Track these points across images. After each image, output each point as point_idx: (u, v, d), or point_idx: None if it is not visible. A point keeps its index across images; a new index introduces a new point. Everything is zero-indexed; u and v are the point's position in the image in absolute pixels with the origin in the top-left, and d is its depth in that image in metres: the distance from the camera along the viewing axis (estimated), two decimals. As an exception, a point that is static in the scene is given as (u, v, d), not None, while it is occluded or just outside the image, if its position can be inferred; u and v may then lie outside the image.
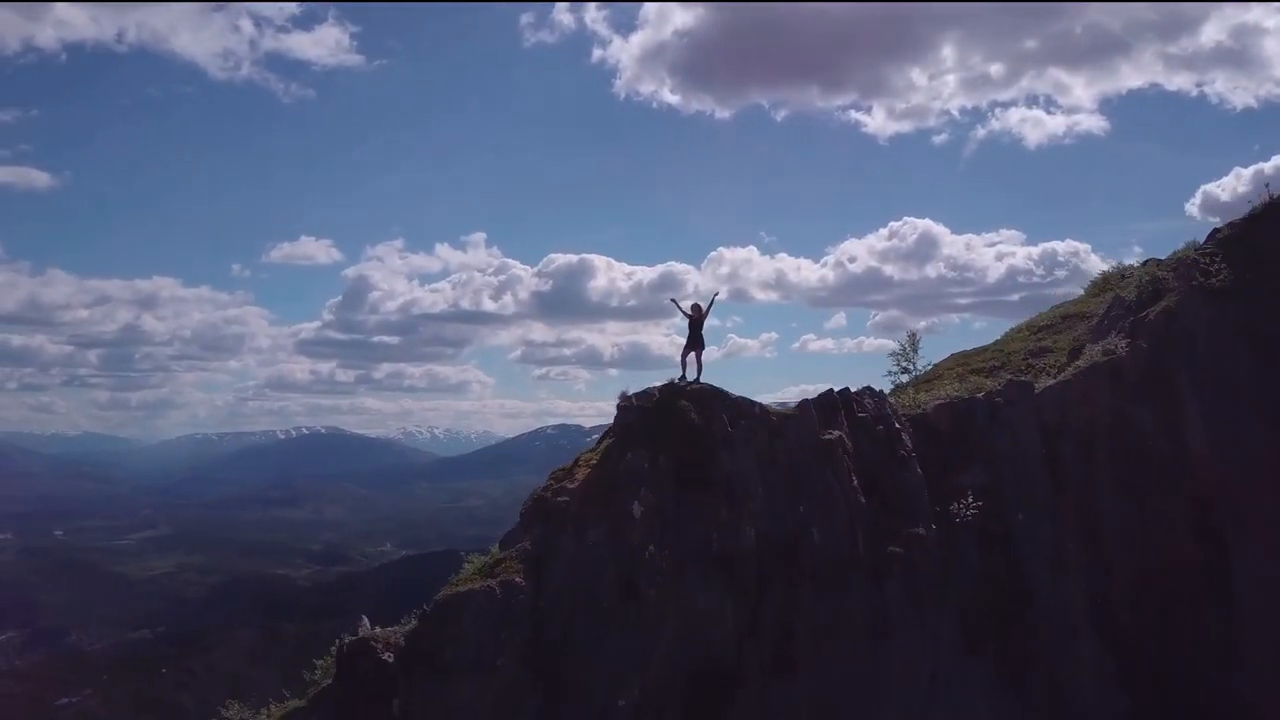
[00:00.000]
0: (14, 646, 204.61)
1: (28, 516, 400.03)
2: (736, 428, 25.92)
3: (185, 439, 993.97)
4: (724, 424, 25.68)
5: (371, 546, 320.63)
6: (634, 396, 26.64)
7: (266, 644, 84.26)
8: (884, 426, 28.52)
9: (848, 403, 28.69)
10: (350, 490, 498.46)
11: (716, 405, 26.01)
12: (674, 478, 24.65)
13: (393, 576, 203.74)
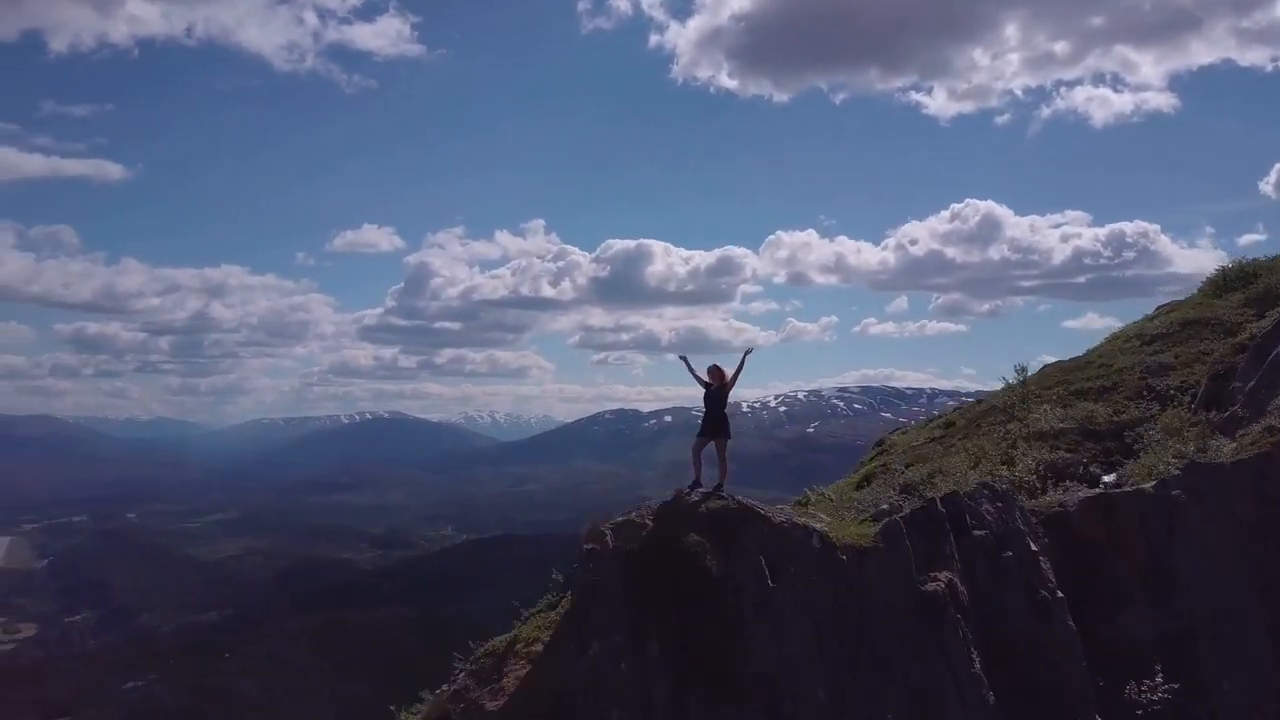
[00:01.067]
0: (88, 626, 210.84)
1: (102, 499, 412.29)
2: (782, 578, 15.24)
3: (252, 424, 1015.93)
4: (761, 572, 15.15)
5: (432, 530, 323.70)
6: (610, 528, 16.31)
7: (326, 631, 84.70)
8: (1014, 551, 17.18)
9: (957, 515, 17.32)
10: (412, 474, 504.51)
11: (750, 539, 15.53)
12: (674, 679, 14.37)
13: (453, 560, 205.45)
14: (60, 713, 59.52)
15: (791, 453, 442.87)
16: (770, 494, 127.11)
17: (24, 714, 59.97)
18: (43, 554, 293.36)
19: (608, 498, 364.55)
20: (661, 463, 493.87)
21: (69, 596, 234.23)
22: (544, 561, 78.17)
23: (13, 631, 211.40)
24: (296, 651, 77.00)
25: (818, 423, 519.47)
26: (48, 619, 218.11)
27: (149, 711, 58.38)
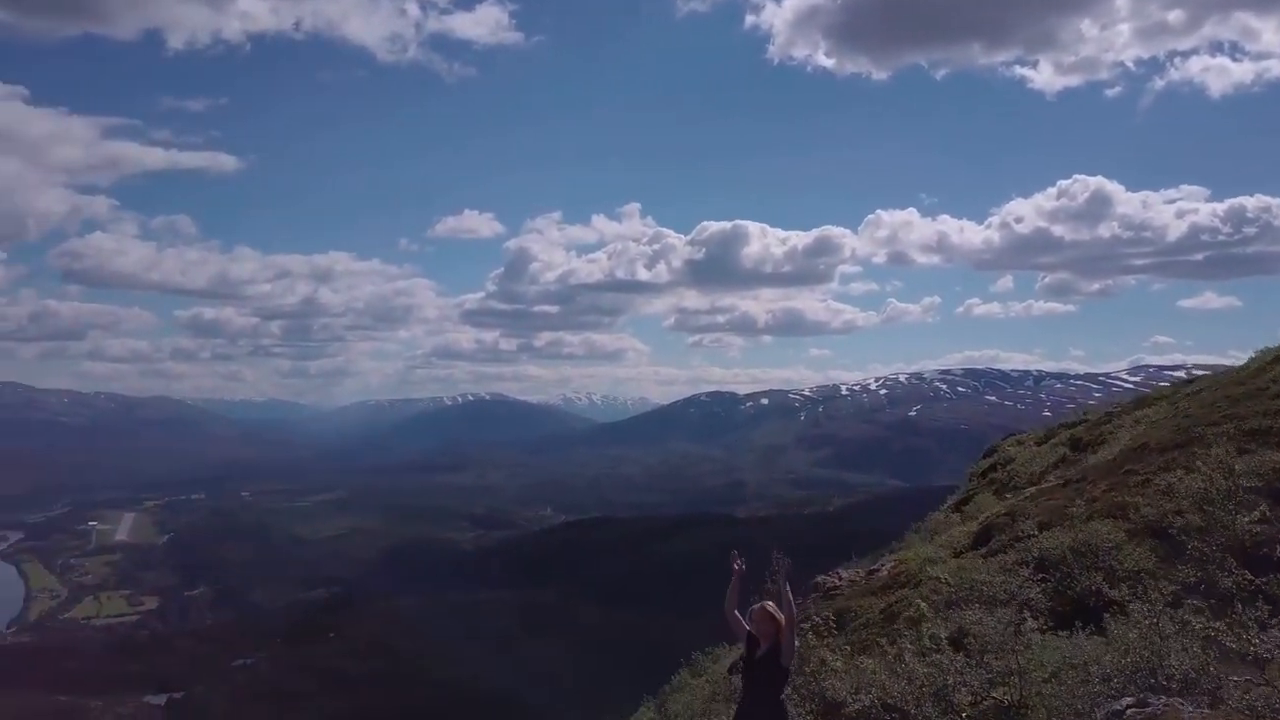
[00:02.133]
0: (204, 601, 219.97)
1: (218, 479, 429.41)
2: None
3: (358, 405, 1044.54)
4: None
5: (532, 511, 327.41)
6: None
7: (427, 613, 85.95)
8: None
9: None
10: (512, 455, 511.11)
11: None
12: None
13: (552, 541, 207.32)
14: (174, 687, 61.64)
15: (893, 436, 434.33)
16: (872, 478, 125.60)
17: (141, 686, 62.31)
18: (164, 530, 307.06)
19: (704, 481, 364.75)
20: (759, 446, 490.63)
21: (187, 571, 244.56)
22: (641, 544, 78.57)
23: (137, 604, 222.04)
24: (397, 633, 78.15)
25: (920, 406, 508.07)
26: (168, 593, 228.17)
27: (255, 689, 59.99)
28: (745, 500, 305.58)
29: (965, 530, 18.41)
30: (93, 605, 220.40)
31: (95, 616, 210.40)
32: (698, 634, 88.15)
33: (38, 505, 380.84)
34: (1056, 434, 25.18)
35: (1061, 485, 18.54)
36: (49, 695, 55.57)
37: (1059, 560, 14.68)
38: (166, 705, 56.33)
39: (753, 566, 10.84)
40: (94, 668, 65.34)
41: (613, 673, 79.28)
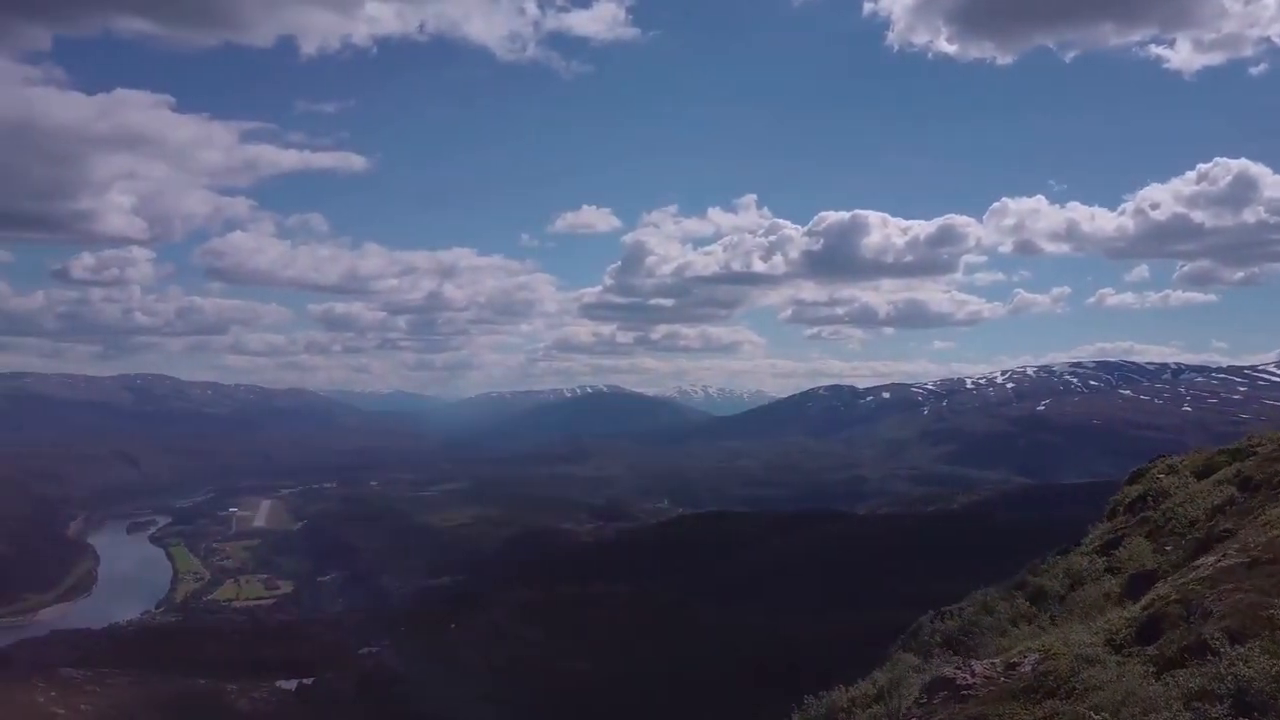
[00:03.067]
0: (335, 586, 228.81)
1: (349, 468, 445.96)
2: None
3: (481, 397, 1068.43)
4: None
5: (649, 503, 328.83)
6: None
7: (545, 605, 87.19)
8: None
9: None
10: (630, 447, 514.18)
11: None
12: None
13: (668, 534, 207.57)
14: (304, 672, 64.19)
15: (1020, 432, 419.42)
16: (997, 474, 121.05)
17: (273, 671, 65.09)
18: (298, 517, 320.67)
19: (823, 476, 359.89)
20: (879, 441, 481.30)
21: (320, 557, 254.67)
22: (758, 539, 77.52)
23: (273, 588, 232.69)
24: (516, 624, 79.50)
25: (1049, 400, 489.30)
26: (302, 578, 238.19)
27: (380, 676, 61.95)
28: (865, 496, 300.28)
29: (1125, 616, 14.02)
30: (233, 588, 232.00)
31: (235, 599, 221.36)
32: (817, 634, 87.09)
33: (184, 491, 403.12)
34: (1217, 464, 21.22)
35: (1247, 565, 13.90)
36: (190, 679, 58.68)
37: (1268, 699, 10.10)
38: (297, 690, 58.77)
39: (874, 565, 9.92)
40: (231, 652, 68.70)
41: (729, 672, 78.96)
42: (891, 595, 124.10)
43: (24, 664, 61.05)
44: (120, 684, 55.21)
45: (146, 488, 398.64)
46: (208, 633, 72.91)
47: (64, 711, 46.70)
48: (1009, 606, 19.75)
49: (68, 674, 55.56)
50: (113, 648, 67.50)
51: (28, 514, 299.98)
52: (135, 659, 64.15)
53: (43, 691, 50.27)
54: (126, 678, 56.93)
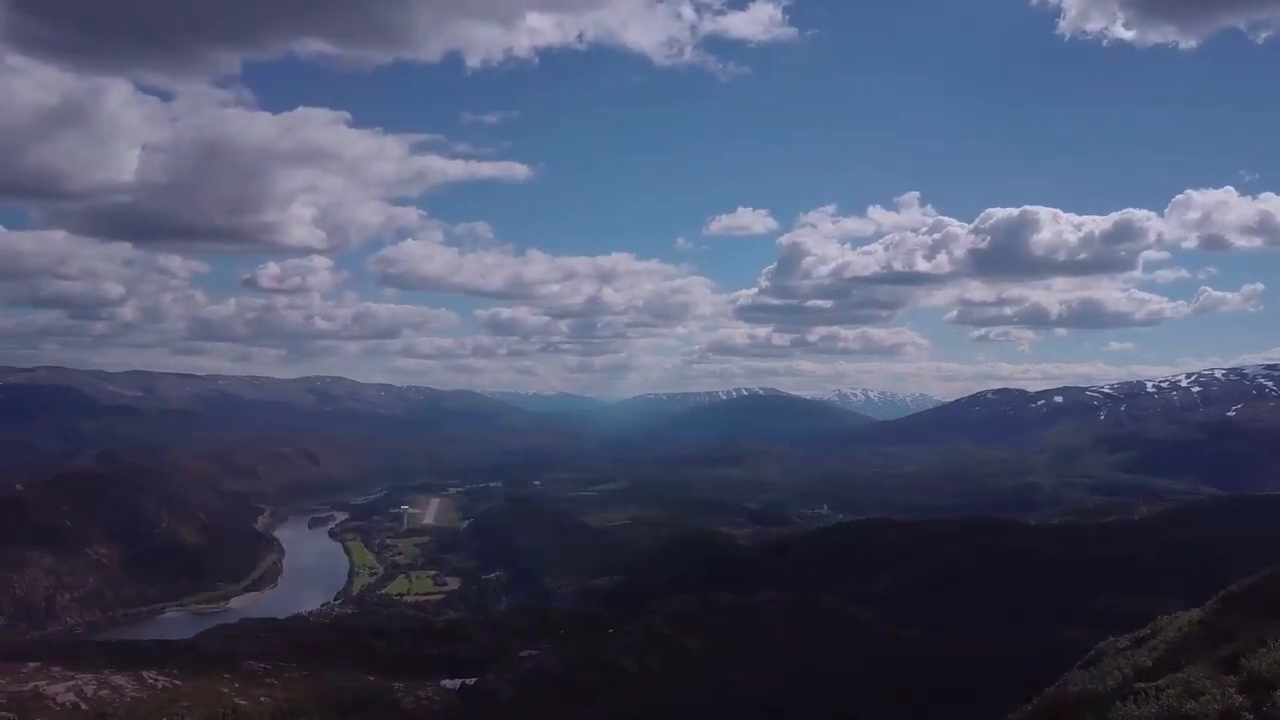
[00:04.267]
0: (500, 584, 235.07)
1: (513, 467, 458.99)
2: None
3: (639, 399, 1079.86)
4: None
5: (807, 508, 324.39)
6: None
7: (703, 611, 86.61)
8: None
9: None
10: (787, 451, 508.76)
11: None
12: None
13: (829, 541, 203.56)
14: (467, 671, 65.78)
15: (1207, 440, 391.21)
16: (1182, 483, 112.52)
17: (438, 670, 66.99)
18: (465, 515, 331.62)
19: (991, 483, 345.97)
20: (1051, 447, 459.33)
21: (486, 555, 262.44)
22: (923, 548, 74.14)
23: (441, 584, 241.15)
24: (674, 630, 79.20)
25: (1240, 405, 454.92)
26: (468, 575, 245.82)
27: (539, 680, 62.79)
28: (1037, 505, 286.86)
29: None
30: (404, 583, 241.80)
31: (406, 594, 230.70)
32: (985, 651, 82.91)
33: (360, 489, 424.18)
34: None
35: None
36: (360, 675, 61.03)
37: None
38: (460, 690, 60.25)
39: (1047, 579, 8.37)
40: (398, 650, 71.28)
41: (891, 688, 76.25)
42: (1067, 611, 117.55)
43: (210, 655, 64.93)
44: (296, 678, 57.86)
45: (326, 484, 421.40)
46: (377, 631, 75.78)
47: (246, 703, 49.25)
48: (1219, 696, 16.93)
49: (249, 666, 58.68)
50: (291, 641, 71.13)
51: (221, 508, 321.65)
52: (311, 653, 67.36)
53: (227, 683, 53.19)
54: (303, 672, 59.66)
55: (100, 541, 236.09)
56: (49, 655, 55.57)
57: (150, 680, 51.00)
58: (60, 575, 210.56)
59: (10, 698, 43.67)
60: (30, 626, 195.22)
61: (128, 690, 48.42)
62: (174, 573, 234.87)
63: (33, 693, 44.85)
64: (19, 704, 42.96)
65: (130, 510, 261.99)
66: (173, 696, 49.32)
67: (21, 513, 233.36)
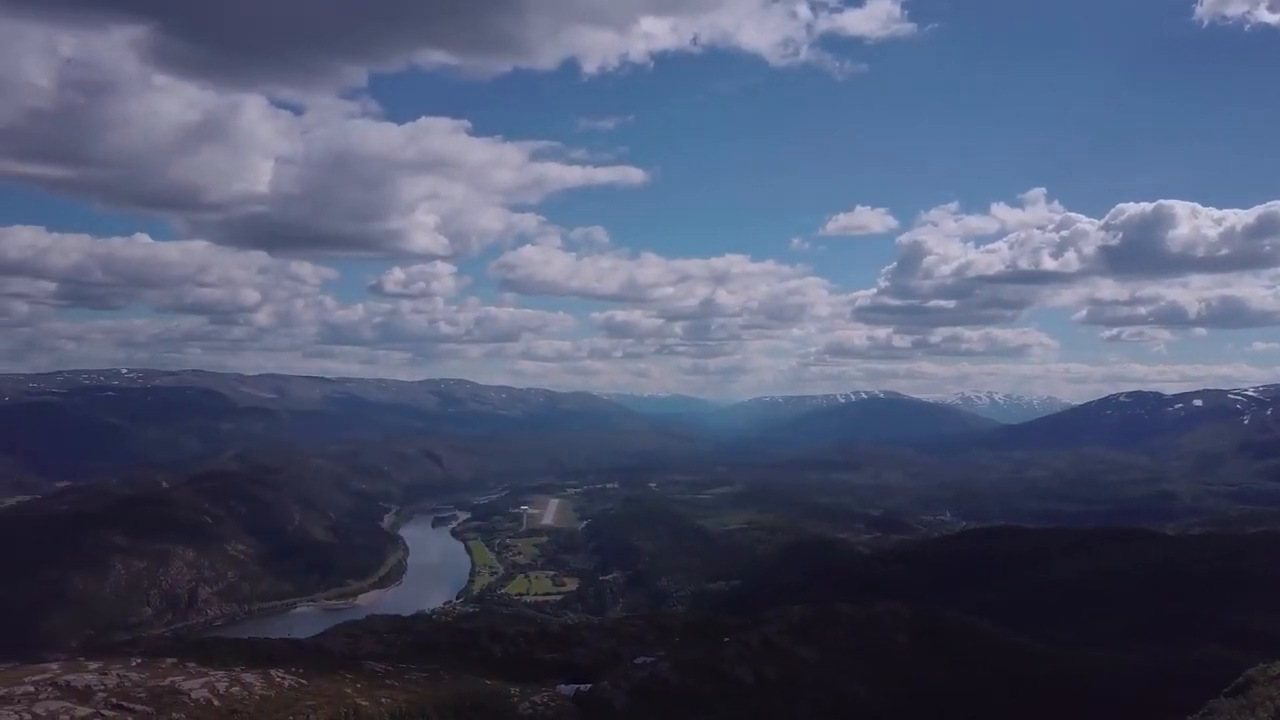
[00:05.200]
0: (617, 586, 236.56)
1: (630, 469, 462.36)
2: None
3: (754, 402, 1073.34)
4: None
5: (929, 515, 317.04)
6: None
7: (820, 620, 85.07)
8: None
9: None
10: (908, 456, 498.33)
11: None
12: None
13: (951, 549, 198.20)
14: (582, 677, 66.13)
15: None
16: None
17: (553, 675, 67.60)
18: (583, 516, 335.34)
19: (1125, 490, 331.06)
20: (1190, 453, 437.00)
21: (603, 556, 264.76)
22: (1051, 558, 71.15)
23: (560, 585, 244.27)
24: (790, 640, 78.01)
25: None
26: (586, 576, 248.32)
27: (653, 688, 62.63)
28: (1175, 514, 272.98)
29: None
30: (523, 583, 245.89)
31: (525, 593, 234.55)
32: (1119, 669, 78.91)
33: (481, 489, 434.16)
34: None
35: None
36: (477, 678, 62.04)
37: None
38: (575, 697, 60.63)
39: (1186, 593, 7.51)
40: (515, 652, 72.18)
41: (1019, 707, 73.40)
42: (1208, 630, 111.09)
43: (335, 654, 66.98)
44: (415, 679, 59.15)
45: (448, 484, 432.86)
46: (494, 634, 76.99)
47: (367, 703, 50.54)
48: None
49: (370, 667, 60.30)
50: (411, 642, 72.90)
51: (350, 507, 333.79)
52: (430, 655, 68.86)
53: (350, 683, 54.70)
54: (421, 673, 60.97)
55: (238, 538, 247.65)
56: (185, 652, 58.29)
57: (278, 679, 52.83)
58: (201, 569, 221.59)
59: (149, 692, 45.79)
60: (175, 618, 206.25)
61: (257, 688, 50.24)
62: (305, 569, 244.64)
63: (170, 688, 46.94)
64: (156, 699, 45.04)
65: (265, 508, 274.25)
66: (298, 695, 50.97)
67: (167, 510, 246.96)
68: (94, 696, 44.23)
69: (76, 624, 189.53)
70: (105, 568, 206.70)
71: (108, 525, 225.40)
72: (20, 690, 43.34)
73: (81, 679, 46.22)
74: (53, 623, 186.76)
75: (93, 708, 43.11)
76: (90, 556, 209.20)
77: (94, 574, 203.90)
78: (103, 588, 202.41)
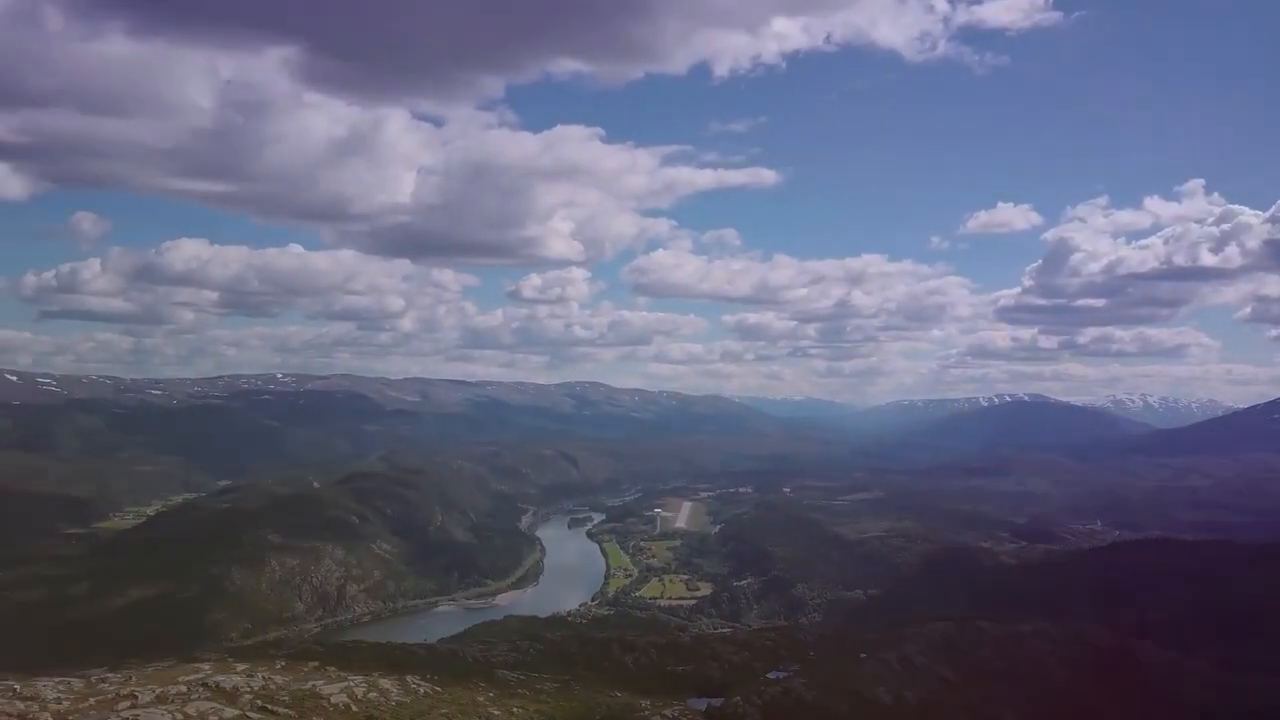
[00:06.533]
0: (751, 592, 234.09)
1: (763, 473, 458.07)
2: None
3: (892, 405, 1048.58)
4: None
5: (1080, 524, 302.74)
6: None
7: (962, 638, 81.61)
8: None
9: None
10: (1056, 461, 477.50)
11: None
12: None
13: (1104, 561, 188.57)
14: (713, 691, 65.17)
15: None
16: None
17: (684, 688, 66.84)
18: (716, 520, 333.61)
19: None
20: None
21: (737, 561, 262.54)
22: (1215, 573, 66.26)
23: (693, 589, 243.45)
24: (932, 659, 75.09)
25: None
26: (719, 581, 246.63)
27: (787, 705, 61.08)
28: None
29: None
30: (657, 586, 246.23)
31: (659, 597, 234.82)
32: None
33: (615, 491, 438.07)
34: None
35: None
36: (608, 690, 61.89)
37: None
38: (706, 712, 59.69)
39: None
40: (646, 663, 71.73)
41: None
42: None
43: (469, 661, 67.96)
44: (547, 689, 59.41)
45: (584, 486, 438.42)
46: (626, 644, 76.83)
47: (499, 712, 50.94)
48: None
49: (503, 676, 60.85)
50: (544, 650, 73.41)
51: (489, 508, 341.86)
52: (562, 664, 69.13)
53: (483, 691, 55.31)
54: (554, 683, 61.19)
55: (383, 537, 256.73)
56: (327, 656, 60.08)
57: (414, 685, 53.87)
58: (349, 567, 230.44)
59: (292, 695, 47.24)
60: (324, 614, 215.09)
61: (393, 694, 51.29)
62: (446, 568, 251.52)
63: (311, 692, 48.36)
64: (298, 702, 46.43)
65: (409, 508, 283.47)
66: (433, 703, 51.79)
67: (318, 509, 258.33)
68: (241, 698, 45.92)
69: (236, 617, 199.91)
70: (262, 564, 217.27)
71: (264, 524, 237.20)
72: (174, 690, 45.36)
73: (230, 680, 48.10)
74: (215, 616, 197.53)
75: (239, 709, 44.74)
76: (249, 553, 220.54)
77: (252, 570, 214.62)
78: (259, 583, 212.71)
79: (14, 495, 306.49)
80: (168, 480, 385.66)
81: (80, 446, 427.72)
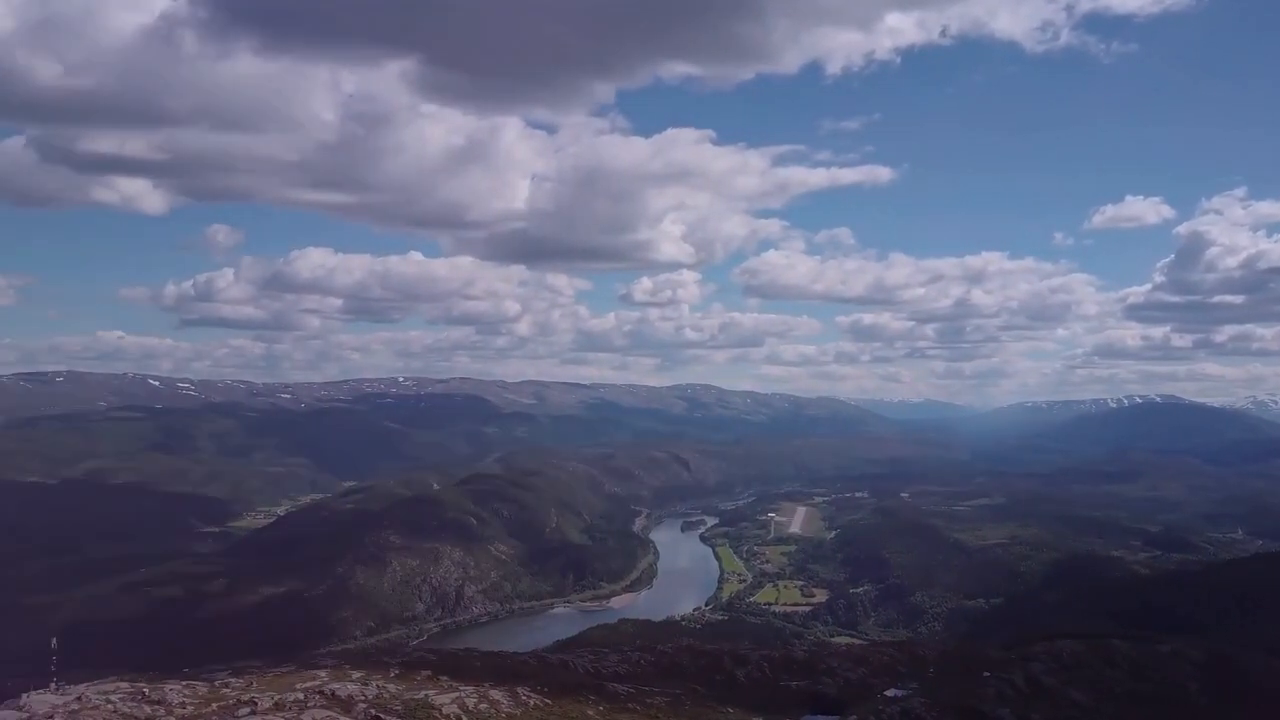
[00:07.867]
0: (868, 599, 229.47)
1: (878, 476, 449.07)
2: None
3: (1015, 407, 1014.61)
4: None
5: (1218, 532, 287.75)
6: None
7: (1093, 658, 77.49)
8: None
9: None
10: (1192, 466, 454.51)
11: None
12: None
13: (1247, 573, 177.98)
14: (828, 709, 63.47)
15: None
16: None
17: (797, 704, 65.37)
18: (831, 525, 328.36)
19: None
20: None
21: (853, 567, 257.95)
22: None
23: (808, 595, 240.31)
24: (1060, 680, 71.48)
25: None
26: (835, 587, 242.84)
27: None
28: None
29: None
30: (772, 592, 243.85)
31: (774, 603, 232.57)
32: None
33: (727, 494, 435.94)
34: None
35: None
36: (719, 706, 60.93)
37: None
38: (822, 730, 58.34)
39: None
40: (758, 677, 70.48)
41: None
42: None
43: (579, 673, 67.90)
44: (657, 703, 58.78)
45: (696, 489, 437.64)
46: (738, 658, 75.65)
47: (610, 727, 50.45)
48: None
49: (613, 688, 60.48)
50: (655, 662, 72.83)
51: (603, 510, 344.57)
52: (673, 677, 68.47)
53: (592, 704, 55.09)
54: (664, 697, 60.53)
55: (500, 539, 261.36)
56: (439, 665, 60.73)
57: (524, 696, 53.90)
58: (468, 568, 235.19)
59: (404, 705, 47.81)
60: (443, 614, 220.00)
61: (503, 705, 51.39)
62: (561, 570, 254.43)
63: (423, 701, 48.83)
64: (410, 711, 46.98)
65: (525, 510, 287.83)
66: (543, 715, 51.75)
67: (438, 510, 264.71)
68: (355, 706, 46.70)
69: (360, 616, 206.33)
70: (384, 564, 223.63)
71: (386, 525, 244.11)
72: (291, 698, 46.41)
73: (345, 688, 48.99)
74: (340, 614, 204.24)
75: (354, 718, 45.55)
76: (371, 553, 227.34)
77: (374, 570, 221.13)
78: (381, 583, 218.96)
79: (157, 495, 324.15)
80: (296, 481, 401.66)
81: (216, 448, 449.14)
